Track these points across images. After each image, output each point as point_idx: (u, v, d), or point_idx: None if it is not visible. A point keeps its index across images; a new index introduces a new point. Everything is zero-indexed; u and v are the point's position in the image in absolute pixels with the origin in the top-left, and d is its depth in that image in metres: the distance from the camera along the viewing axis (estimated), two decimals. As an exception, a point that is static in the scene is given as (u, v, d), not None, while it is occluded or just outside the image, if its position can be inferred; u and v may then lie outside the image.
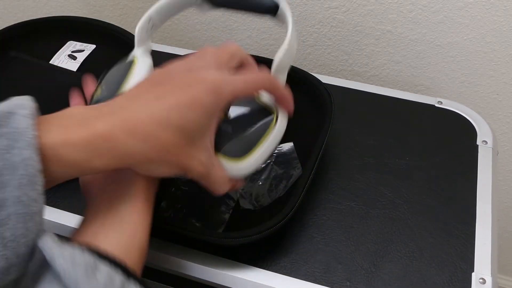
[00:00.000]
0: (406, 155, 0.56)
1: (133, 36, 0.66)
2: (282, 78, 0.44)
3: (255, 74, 0.40)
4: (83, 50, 0.68)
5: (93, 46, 0.69)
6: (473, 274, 0.44)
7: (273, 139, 0.41)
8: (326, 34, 0.78)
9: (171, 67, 0.39)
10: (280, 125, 0.41)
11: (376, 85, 0.66)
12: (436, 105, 0.62)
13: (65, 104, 0.60)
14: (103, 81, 0.47)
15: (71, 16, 0.72)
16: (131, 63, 0.46)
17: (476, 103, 0.78)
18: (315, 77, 0.58)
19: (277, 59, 0.42)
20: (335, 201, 0.51)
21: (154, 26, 0.52)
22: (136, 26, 0.49)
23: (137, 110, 0.34)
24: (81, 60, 0.66)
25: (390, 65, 0.79)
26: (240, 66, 0.42)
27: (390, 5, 0.71)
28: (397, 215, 0.50)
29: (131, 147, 0.33)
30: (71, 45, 0.69)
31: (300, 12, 0.77)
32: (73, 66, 0.65)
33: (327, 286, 0.44)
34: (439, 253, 0.46)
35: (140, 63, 0.46)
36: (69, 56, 0.67)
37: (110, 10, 0.89)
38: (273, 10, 0.50)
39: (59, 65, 0.65)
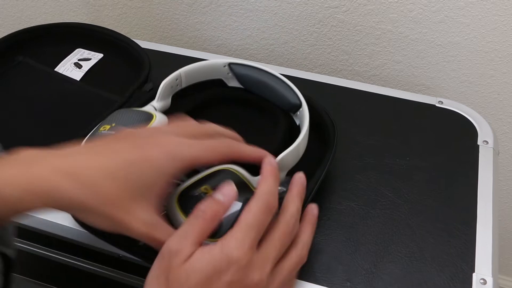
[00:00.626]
0: (407, 155, 0.55)
1: (141, 48, 0.66)
2: (281, 175, 0.44)
3: (217, 141, 0.40)
4: (89, 59, 0.68)
5: (101, 55, 0.68)
6: (474, 274, 0.44)
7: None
8: (326, 33, 0.78)
9: (139, 129, 0.40)
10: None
11: (377, 85, 0.66)
12: (437, 105, 0.62)
13: (64, 113, 0.60)
14: (115, 120, 0.46)
15: (82, 23, 0.72)
16: (150, 117, 0.46)
17: (477, 103, 0.78)
18: (321, 105, 0.56)
19: (279, 157, 0.43)
20: (335, 201, 0.51)
21: (178, 85, 0.54)
22: (135, 25, 0.50)
23: (87, 158, 0.35)
24: (86, 70, 0.66)
25: (391, 64, 0.78)
26: None
27: (390, 5, 0.71)
28: (398, 215, 0.49)
29: (68, 190, 0.33)
30: (78, 53, 0.69)
31: (301, 11, 0.77)
32: (78, 75, 0.65)
33: (327, 286, 0.43)
34: (439, 254, 0.46)
35: (158, 120, 0.46)
36: (74, 64, 0.66)
37: (109, 10, 0.89)
38: (296, 108, 0.53)
39: (64, 72, 0.65)
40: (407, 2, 0.70)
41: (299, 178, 0.42)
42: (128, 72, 0.66)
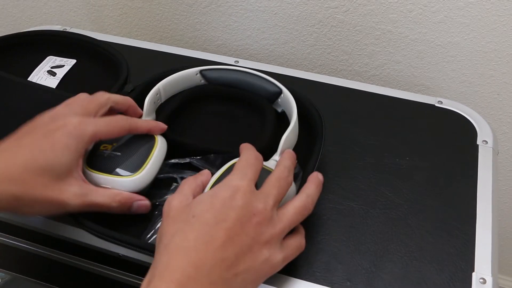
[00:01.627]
0: (406, 155, 0.55)
1: (115, 50, 0.65)
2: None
3: (117, 117, 0.46)
4: (63, 66, 0.66)
5: (74, 61, 0.67)
6: (473, 274, 0.44)
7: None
8: (326, 34, 0.78)
9: (37, 119, 0.44)
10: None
11: (377, 85, 0.66)
12: (437, 105, 0.62)
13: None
14: (116, 140, 0.49)
15: (51, 30, 0.70)
16: (152, 141, 0.49)
17: (476, 103, 0.78)
18: (307, 98, 0.56)
19: (284, 136, 0.47)
20: (335, 201, 0.51)
21: (159, 100, 0.55)
22: (135, 25, 0.50)
23: (6, 157, 0.40)
24: (61, 77, 0.64)
25: (390, 65, 0.79)
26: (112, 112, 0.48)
27: (390, 5, 0.71)
28: (397, 215, 0.49)
29: (1, 189, 0.38)
30: (50, 60, 0.67)
31: (300, 11, 0.77)
32: (53, 82, 0.63)
33: (327, 286, 0.43)
34: (439, 253, 0.46)
35: (159, 143, 0.50)
36: (48, 72, 0.64)
37: (110, 10, 0.89)
38: (276, 95, 0.55)
39: (38, 81, 0.63)
40: (406, 3, 0.70)
41: (287, 151, 0.46)
42: (104, 75, 0.64)
